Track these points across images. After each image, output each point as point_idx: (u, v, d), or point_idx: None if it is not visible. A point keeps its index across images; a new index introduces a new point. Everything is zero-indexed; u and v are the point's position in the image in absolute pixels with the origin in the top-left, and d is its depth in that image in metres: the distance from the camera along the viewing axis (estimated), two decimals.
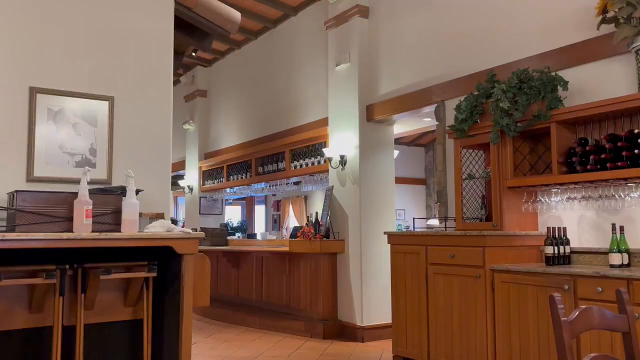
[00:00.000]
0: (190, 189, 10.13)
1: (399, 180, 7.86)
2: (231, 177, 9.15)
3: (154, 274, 2.96)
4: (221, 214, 10.27)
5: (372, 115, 6.21)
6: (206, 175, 9.92)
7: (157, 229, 2.86)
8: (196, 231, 3.00)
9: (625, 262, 3.54)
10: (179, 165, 10.38)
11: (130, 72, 3.42)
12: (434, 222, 5.29)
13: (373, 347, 5.69)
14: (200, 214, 9.92)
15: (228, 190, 9.59)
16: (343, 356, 5.33)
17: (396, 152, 6.86)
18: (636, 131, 3.46)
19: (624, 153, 3.47)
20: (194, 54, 8.98)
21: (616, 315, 1.90)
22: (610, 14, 3.72)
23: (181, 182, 10.38)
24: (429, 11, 5.63)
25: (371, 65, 6.33)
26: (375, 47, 6.30)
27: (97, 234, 2.67)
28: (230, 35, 4.14)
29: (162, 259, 3.00)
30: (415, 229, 5.27)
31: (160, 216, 3.23)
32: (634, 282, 3.14)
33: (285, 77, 7.98)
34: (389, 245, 4.94)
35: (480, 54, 4.96)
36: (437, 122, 5.42)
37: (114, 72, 3.37)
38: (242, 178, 8.85)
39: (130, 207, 2.85)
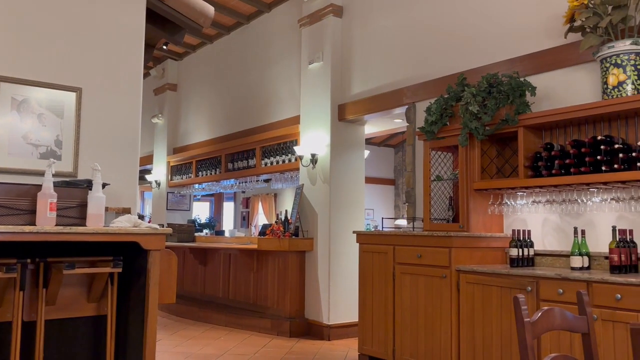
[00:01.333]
0: (158, 184, 9.99)
1: (369, 180, 7.92)
2: (200, 172, 9.06)
3: (119, 270, 2.91)
4: (189, 210, 10.16)
5: (344, 114, 6.23)
6: (174, 170, 9.79)
7: (123, 223, 2.81)
8: (163, 227, 2.96)
9: (586, 265, 3.64)
10: (147, 160, 10.23)
11: (100, 64, 3.36)
12: (402, 222, 5.34)
13: (339, 346, 5.72)
14: (167, 209, 9.79)
15: (196, 186, 9.49)
16: (309, 354, 5.33)
17: (367, 152, 6.90)
18: (599, 138, 3.56)
19: (587, 159, 3.56)
20: (165, 47, 8.87)
21: (576, 317, 1.95)
22: (577, 23, 3.81)
23: (148, 177, 10.24)
24: (402, 13, 5.67)
25: (344, 65, 6.35)
26: (349, 46, 6.32)
27: (61, 227, 2.61)
28: (202, 29, 4.10)
29: (128, 254, 2.95)
30: (384, 229, 5.30)
31: (126, 211, 3.18)
32: (593, 284, 3.23)
33: (258, 73, 7.94)
34: (358, 244, 4.97)
35: (452, 57, 5.03)
36: (407, 124, 5.47)
37: (83, 63, 3.30)
38: (211, 174, 8.77)
39: (96, 201, 2.80)
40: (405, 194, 5.42)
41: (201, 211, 14.01)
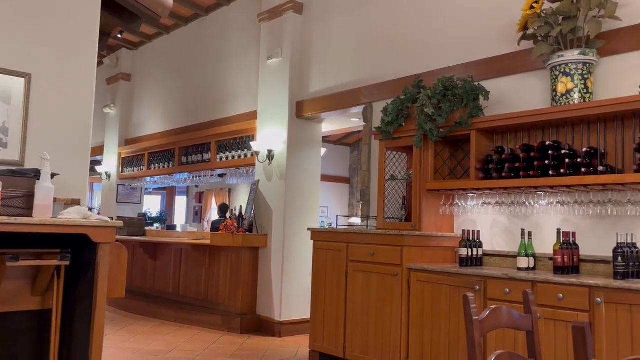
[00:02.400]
0: (108, 176, 9.74)
1: (324, 178, 7.94)
2: (152, 165, 8.88)
3: (67, 263, 2.82)
4: (140, 203, 9.95)
5: (302, 111, 6.23)
6: (126, 162, 9.56)
7: (72, 215, 2.73)
8: (112, 220, 2.89)
9: (532, 265, 3.78)
10: (97, 151, 9.94)
11: (51, 50, 3.24)
12: (356, 220, 5.39)
13: (290, 342, 5.73)
14: (117, 202, 9.56)
15: (148, 179, 9.30)
16: (259, 351, 5.32)
17: (323, 150, 6.93)
18: (547, 143, 3.70)
19: (535, 163, 3.69)
20: (120, 35, 8.64)
21: (522, 315, 2.02)
22: (530, 31, 3.94)
23: (98, 168, 9.95)
24: (361, 14, 5.72)
25: (303, 62, 6.35)
26: (308, 44, 6.33)
27: (5, 218, 2.51)
28: (160, 19, 4.02)
29: (77, 247, 2.86)
30: (338, 227, 5.34)
31: (76, 202, 3.09)
32: (538, 284, 3.35)
33: (215, 66, 7.85)
34: (312, 241, 4.98)
35: (409, 59, 5.10)
36: (364, 123, 5.52)
37: (33, 48, 3.17)
38: (164, 167, 8.61)
39: (44, 191, 2.70)
40: (360, 192, 5.47)
41: (152, 205, 13.72)
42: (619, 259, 3.23)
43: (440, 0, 4.94)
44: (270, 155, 6.28)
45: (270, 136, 6.34)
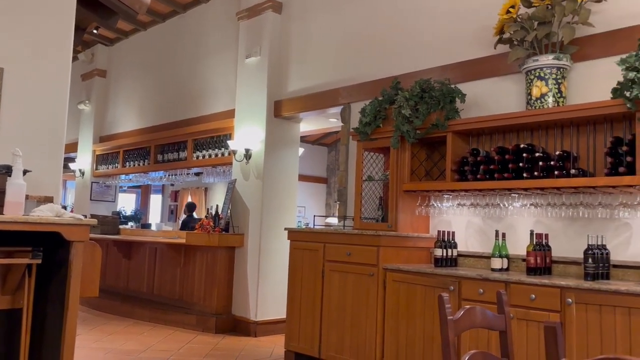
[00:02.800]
0: (82, 173, 9.58)
1: (302, 177, 7.94)
2: (127, 163, 8.76)
3: (39, 261, 2.77)
4: (114, 201, 9.81)
5: (280, 111, 6.22)
6: (100, 159, 9.42)
7: (45, 213, 2.68)
8: (86, 218, 2.84)
9: (505, 266, 3.83)
10: (71, 147, 9.77)
11: (25, 44, 3.17)
12: (333, 220, 5.40)
13: (265, 342, 5.71)
14: (91, 200, 9.41)
15: (123, 176, 9.17)
16: (234, 351, 5.29)
17: (301, 150, 6.93)
18: (522, 146, 3.76)
19: (510, 165, 3.75)
20: (95, 30, 8.51)
21: (495, 315, 2.05)
22: (506, 35, 3.99)
23: (72, 165, 9.78)
24: (340, 14, 5.73)
25: (281, 61, 6.34)
26: (287, 43, 6.32)
27: None
28: (137, 15, 3.97)
29: (49, 245, 2.81)
30: (315, 227, 5.35)
31: (49, 200, 3.03)
32: (511, 285, 3.40)
33: (193, 64, 7.78)
34: (289, 241, 4.98)
35: (387, 61, 5.14)
36: (342, 124, 5.53)
37: (6, 42, 3.11)
38: (139, 165, 8.51)
39: (16, 188, 2.65)
40: (337, 192, 5.48)
41: (127, 203, 13.55)
42: (590, 260, 3.29)
43: (418, 3, 4.99)
44: (248, 154, 6.25)
45: (248, 135, 6.32)
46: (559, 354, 1.44)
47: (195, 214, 9.64)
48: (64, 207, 3.26)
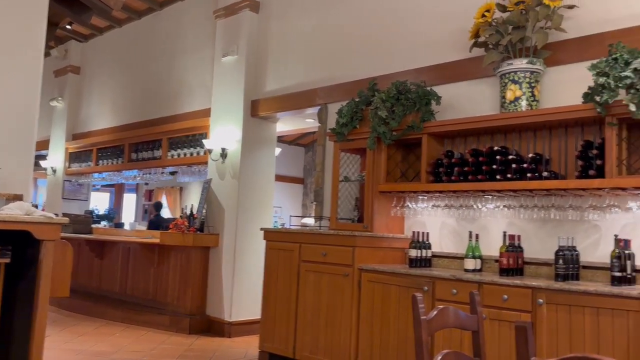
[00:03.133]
0: (54, 171, 9.40)
1: (278, 178, 7.91)
2: (101, 161, 8.63)
3: (7, 260, 2.71)
4: (87, 200, 9.65)
5: (257, 110, 6.19)
6: (73, 157, 9.26)
7: (14, 211, 2.62)
8: (57, 216, 2.79)
9: (478, 267, 3.88)
10: (42, 145, 9.58)
11: None
12: (310, 220, 5.40)
13: (239, 343, 5.68)
14: (63, 198, 9.24)
15: (96, 175, 9.03)
16: (208, 352, 5.25)
17: (278, 150, 6.91)
18: (495, 148, 3.81)
19: (484, 167, 3.80)
20: (69, 26, 8.36)
21: (468, 315, 2.07)
22: (481, 39, 4.05)
23: (43, 163, 9.60)
24: (318, 15, 5.74)
25: (259, 61, 6.31)
26: (264, 43, 6.30)
27: None
28: (112, 11, 3.91)
29: (19, 244, 2.75)
30: (291, 227, 5.34)
31: (18, 198, 2.97)
32: (484, 285, 3.45)
33: (168, 62, 7.70)
34: (264, 241, 4.96)
35: (364, 62, 5.16)
36: (319, 124, 5.54)
37: None
38: (113, 163, 8.39)
39: None
40: (314, 193, 5.49)
41: (100, 202, 13.34)
42: (560, 261, 3.36)
43: (396, 6, 5.02)
44: (224, 154, 6.21)
45: (224, 134, 6.28)
46: (529, 353, 1.46)
47: (162, 214, 9.54)
48: (35, 206, 3.20)
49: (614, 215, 3.46)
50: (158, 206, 9.54)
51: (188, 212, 6.35)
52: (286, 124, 7.19)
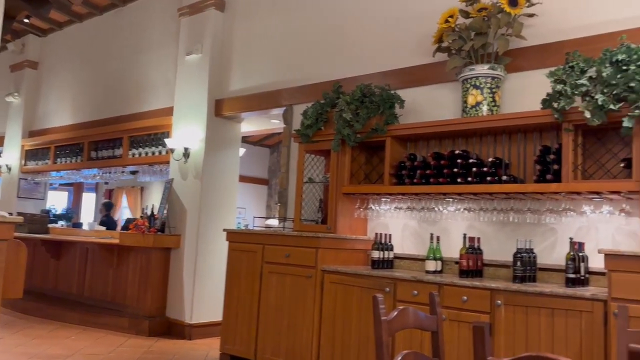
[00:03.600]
0: (9, 169, 9.10)
1: (243, 178, 7.86)
2: (59, 159, 8.40)
3: None
4: (43, 199, 9.38)
5: (221, 110, 6.13)
6: (29, 155, 8.99)
7: None
8: (11, 215, 2.70)
9: (439, 268, 3.93)
10: None
11: None
12: (273, 222, 5.37)
13: (200, 345, 5.61)
14: (18, 197, 8.95)
15: (54, 173, 8.79)
16: (167, 354, 5.17)
17: (242, 151, 6.86)
18: (457, 152, 3.87)
19: (445, 170, 3.85)
20: (27, 20, 8.11)
21: (428, 316, 2.09)
22: (445, 44, 4.11)
23: None
24: (284, 16, 5.73)
25: (223, 60, 6.26)
26: (230, 42, 6.25)
27: None
28: (72, 6, 3.81)
29: None
30: (255, 228, 5.31)
31: None
32: (444, 286, 3.50)
33: (131, 59, 7.55)
34: (227, 242, 4.92)
35: (329, 64, 5.17)
36: (284, 125, 5.52)
37: None
38: (71, 162, 8.17)
39: None
40: (278, 194, 5.47)
41: (57, 201, 12.98)
42: (518, 263, 3.43)
43: (362, 9, 5.05)
44: (186, 153, 6.13)
45: (187, 133, 6.19)
46: (486, 352, 1.48)
47: (112, 214, 9.38)
48: None
49: (570, 219, 3.56)
50: (108, 206, 9.36)
51: (149, 213, 6.24)
52: (251, 125, 7.15)
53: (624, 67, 3.07)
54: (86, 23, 8.44)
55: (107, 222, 8.62)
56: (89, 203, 14.46)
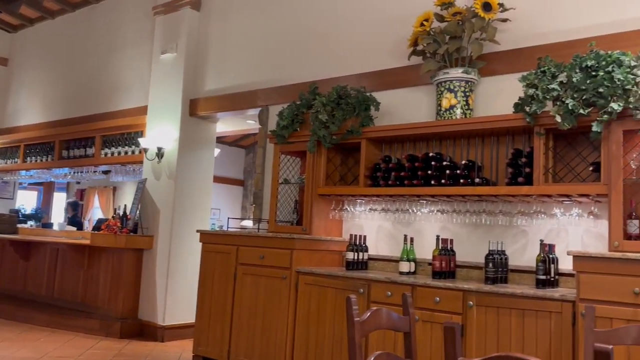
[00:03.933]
0: None
1: (217, 179, 7.80)
2: (29, 158, 8.23)
3: None
4: (12, 198, 9.18)
5: (196, 110, 6.08)
6: None
7: None
8: None
9: (412, 270, 3.96)
10: None
11: None
12: (248, 223, 5.35)
13: (173, 347, 5.55)
14: None
15: (23, 172, 8.60)
16: (139, 356, 5.09)
17: (217, 151, 6.81)
18: (431, 154, 3.91)
19: (419, 173, 3.89)
20: None
21: (401, 317, 2.11)
22: (420, 48, 4.15)
23: None
24: (260, 16, 5.71)
25: (199, 59, 6.21)
26: (205, 41, 6.20)
27: None
28: (43, 2, 3.74)
29: None
30: (229, 229, 5.27)
31: None
32: (417, 287, 3.52)
33: (104, 57, 7.44)
34: (201, 243, 4.87)
35: (306, 65, 5.17)
36: (260, 126, 5.50)
37: None
38: (42, 161, 8.01)
39: None
40: (253, 195, 5.44)
41: (27, 201, 12.72)
42: (490, 265, 3.48)
43: (338, 11, 5.06)
44: (160, 153, 6.06)
45: (161, 133, 6.12)
46: (457, 353, 1.50)
47: (78, 213, 9.25)
48: None
49: (540, 221, 3.62)
50: (74, 205, 9.21)
51: (121, 213, 6.15)
52: (227, 125, 7.10)
53: (593, 73, 3.14)
54: (58, 20, 8.28)
55: (74, 221, 8.47)
56: (59, 203, 14.20)
